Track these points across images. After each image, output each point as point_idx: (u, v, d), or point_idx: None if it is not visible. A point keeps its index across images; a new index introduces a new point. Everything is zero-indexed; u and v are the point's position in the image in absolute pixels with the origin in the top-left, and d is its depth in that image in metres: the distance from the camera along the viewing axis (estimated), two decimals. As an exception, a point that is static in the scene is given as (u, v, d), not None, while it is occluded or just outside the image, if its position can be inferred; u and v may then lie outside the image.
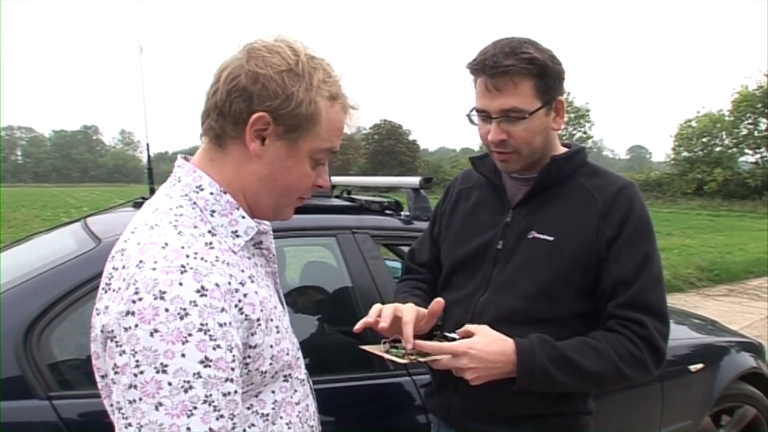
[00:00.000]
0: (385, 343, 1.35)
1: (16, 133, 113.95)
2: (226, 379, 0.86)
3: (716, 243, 13.95)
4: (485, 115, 1.37)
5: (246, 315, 0.91)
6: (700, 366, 2.74)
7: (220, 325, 0.85)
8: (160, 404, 0.81)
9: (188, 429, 0.82)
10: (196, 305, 0.84)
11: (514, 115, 1.33)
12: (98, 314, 0.89)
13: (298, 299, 2.35)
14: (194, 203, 0.97)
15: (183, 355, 0.82)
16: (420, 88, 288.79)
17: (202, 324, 0.84)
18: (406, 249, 2.82)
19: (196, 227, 0.94)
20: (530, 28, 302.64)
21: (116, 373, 0.84)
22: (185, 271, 0.85)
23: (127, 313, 0.83)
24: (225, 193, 0.98)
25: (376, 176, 3.18)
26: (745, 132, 34.87)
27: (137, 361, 0.82)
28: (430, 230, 1.70)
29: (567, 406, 1.43)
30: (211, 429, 0.83)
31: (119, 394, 0.85)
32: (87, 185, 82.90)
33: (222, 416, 0.85)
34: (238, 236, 0.98)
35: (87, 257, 1.77)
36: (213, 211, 0.97)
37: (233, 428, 0.87)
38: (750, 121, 34.60)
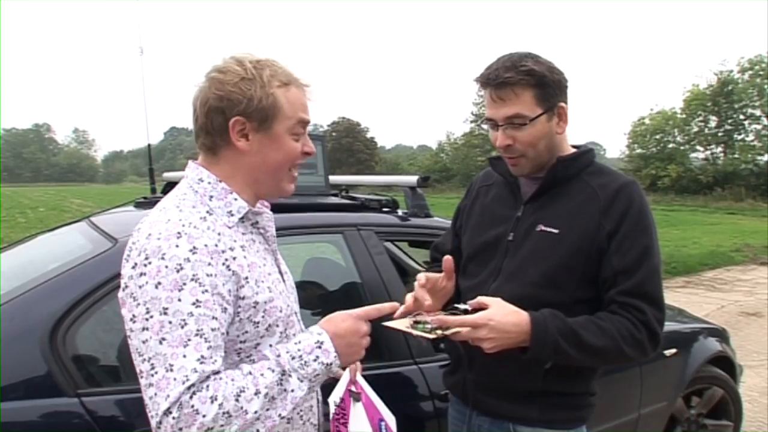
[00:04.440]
0: (410, 318, 1.44)
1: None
2: (213, 317, 1.07)
3: (672, 237, 14.44)
4: (493, 123, 1.53)
5: (233, 271, 1.11)
6: (673, 351, 2.92)
7: (208, 275, 1.07)
8: (164, 339, 1.03)
9: (184, 356, 1.02)
10: (189, 261, 1.06)
11: (517, 121, 1.48)
12: (122, 279, 1.11)
13: (308, 294, 2.44)
14: (196, 191, 1.19)
15: (179, 300, 1.04)
16: (377, 84, 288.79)
17: (194, 275, 1.05)
18: (404, 244, 2.96)
19: (194, 207, 1.16)
20: (485, 24, 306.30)
21: (134, 322, 1.06)
22: (181, 236, 1.08)
23: (141, 275, 1.06)
24: (220, 182, 1.20)
25: (375, 175, 3.34)
26: (696, 129, 35.88)
27: (147, 308, 1.04)
28: (453, 224, 1.84)
29: (569, 386, 1.55)
30: (202, 356, 1.04)
31: (136, 338, 1.06)
32: (40, 185, 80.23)
33: (210, 346, 1.05)
34: (232, 214, 1.19)
35: (105, 256, 1.81)
36: (211, 197, 1.19)
37: (219, 355, 1.07)
38: (701, 118, 35.59)
